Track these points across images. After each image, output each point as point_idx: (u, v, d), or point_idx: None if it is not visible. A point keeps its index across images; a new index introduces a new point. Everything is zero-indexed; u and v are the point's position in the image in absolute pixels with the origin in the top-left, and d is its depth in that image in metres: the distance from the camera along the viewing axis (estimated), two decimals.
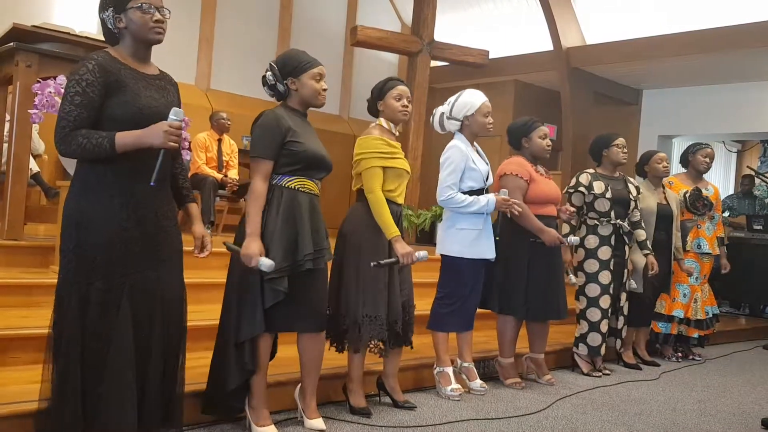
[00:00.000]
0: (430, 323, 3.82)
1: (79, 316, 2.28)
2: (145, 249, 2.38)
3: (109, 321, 2.29)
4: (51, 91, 3.79)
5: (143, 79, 2.41)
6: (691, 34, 7.73)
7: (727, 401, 4.18)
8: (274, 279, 2.73)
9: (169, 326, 2.45)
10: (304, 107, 2.96)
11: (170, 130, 2.27)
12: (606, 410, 3.75)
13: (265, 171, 2.80)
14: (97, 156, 2.27)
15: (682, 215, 5.31)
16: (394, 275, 3.29)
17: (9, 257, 3.99)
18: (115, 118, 2.31)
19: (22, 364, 3.02)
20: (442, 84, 10.17)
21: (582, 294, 4.57)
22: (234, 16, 8.76)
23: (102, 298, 2.29)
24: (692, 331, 5.34)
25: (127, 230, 2.33)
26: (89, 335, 2.28)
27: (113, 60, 2.36)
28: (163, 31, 2.40)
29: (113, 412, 2.29)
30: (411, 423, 3.23)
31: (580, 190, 4.59)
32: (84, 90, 2.27)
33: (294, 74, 2.90)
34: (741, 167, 12.17)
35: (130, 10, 2.35)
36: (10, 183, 4.14)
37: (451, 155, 3.76)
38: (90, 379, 2.29)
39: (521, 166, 4.11)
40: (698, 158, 5.40)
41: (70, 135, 2.27)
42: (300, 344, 2.98)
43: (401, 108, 3.36)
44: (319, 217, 2.90)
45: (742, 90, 8.80)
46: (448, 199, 3.71)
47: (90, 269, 2.29)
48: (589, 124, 8.73)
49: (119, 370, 2.29)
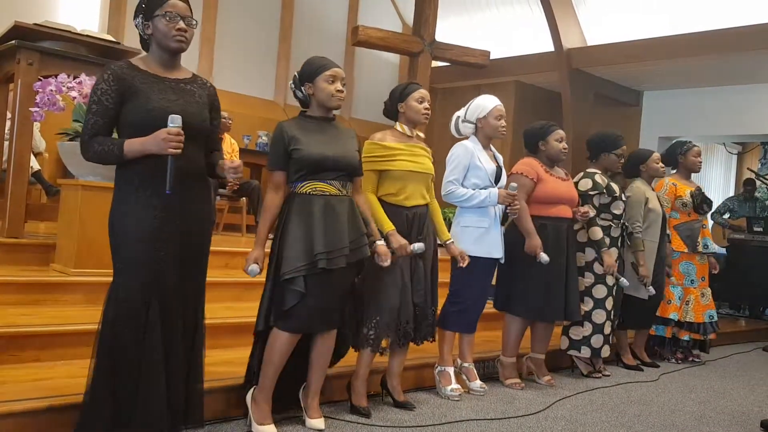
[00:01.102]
0: (439, 321, 3.84)
1: (116, 317, 2.37)
2: (172, 250, 2.45)
3: (142, 321, 2.38)
4: (52, 90, 3.78)
5: (160, 82, 2.46)
6: (692, 36, 7.73)
7: (727, 403, 4.18)
8: (291, 279, 2.76)
9: (192, 326, 2.54)
10: (323, 111, 3.01)
11: (168, 137, 2.32)
12: (605, 411, 3.75)
13: (275, 181, 2.90)
14: (110, 161, 2.41)
15: (687, 216, 5.28)
16: (406, 276, 3.29)
17: (9, 255, 3.99)
18: (130, 123, 2.41)
19: (21, 362, 3.02)
20: (443, 84, 10.18)
21: (588, 295, 4.47)
22: (236, 15, 8.76)
23: (134, 298, 2.38)
24: (683, 333, 5.28)
25: (153, 232, 2.41)
26: (126, 336, 2.37)
27: (131, 68, 2.45)
28: (185, 39, 2.48)
29: (149, 412, 2.37)
30: (410, 423, 3.23)
31: (603, 192, 4.50)
32: (99, 99, 2.40)
33: (309, 79, 2.96)
34: (741, 169, 12.18)
35: (157, 18, 2.44)
36: (10, 181, 4.13)
37: (456, 152, 3.81)
38: (126, 378, 2.38)
39: (529, 165, 4.12)
40: (690, 159, 5.30)
41: (88, 143, 2.41)
42: (312, 343, 2.99)
43: (423, 110, 3.43)
44: (338, 217, 2.87)
45: (743, 92, 8.80)
46: (449, 193, 3.75)
47: (125, 271, 2.40)
48: (589, 126, 8.72)
49: (153, 369, 2.38)
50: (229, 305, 3.97)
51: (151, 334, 2.39)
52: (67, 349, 3.12)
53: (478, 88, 9.76)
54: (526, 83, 9.88)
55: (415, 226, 3.34)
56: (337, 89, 2.95)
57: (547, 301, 4.07)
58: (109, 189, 2.58)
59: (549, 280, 4.04)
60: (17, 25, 4.09)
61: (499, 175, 3.85)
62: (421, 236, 3.35)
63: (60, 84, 3.79)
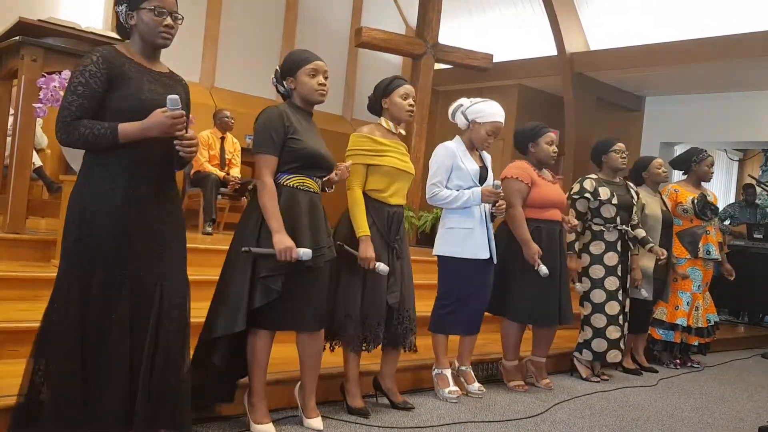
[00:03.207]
0: (430, 325, 3.83)
1: (79, 308, 2.27)
2: (147, 244, 2.37)
3: (109, 314, 2.29)
4: (56, 86, 3.79)
5: (148, 73, 2.41)
6: (695, 42, 7.74)
7: (725, 409, 4.18)
8: (268, 277, 2.72)
9: (170, 324, 2.41)
10: (306, 105, 2.96)
11: (174, 121, 2.27)
12: (604, 415, 3.75)
13: (271, 166, 2.79)
14: (99, 146, 2.29)
15: (690, 222, 5.29)
16: (377, 276, 3.23)
17: (10, 251, 3.99)
18: (120, 109, 2.31)
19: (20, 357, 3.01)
20: (446, 87, 10.19)
21: (587, 300, 4.53)
22: (239, 14, 8.78)
23: (102, 290, 2.29)
24: (693, 339, 5.32)
25: (128, 224, 2.32)
26: (89, 327, 2.28)
27: (119, 54, 2.37)
28: (170, 36, 2.40)
29: (106, 407, 2.28)
30: (408, 424, 3.23)
31: (585, 197, 4.55)
32: (87, 81, 2.28)
33: (291, 73, 2.92)
34: (742, 176, 12.18)
35: (143, 11, 2.36)
36: (13, 177, 4.13)
37: (438, 154, 3.79)
38: (86, 372, 2.28)
39: (522, 169, 4.11)
40: (704, 168, 5.34)
41: (71, 125, 2.27)
42: (298, 342, 2.97)
43: (408, 107, 3.36)
44: (320, 215, 2.89)
45: (745, 99, 8.81)
46: (432, 196, 3.75)
47: (91, 262, 2.29)
48: (591, 130, 8.74)
49: (114, 364, 2.29)
50: None
51: (113, 332, 2.28)
52: None
53: (481, 91, 9.76)
54: (529, 87, 9.89)
55: (394, 226, 3.31)
56: (319, 83, 2.89)
57: (543, 305, 4.05)
58: None
59: (544, 284, 4.02)
60: (21, 21, 4.09)
61: (484, 175, 3.81)
62: (398, 236, 3.33)
63: (63, 80, 3.79)
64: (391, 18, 10.30)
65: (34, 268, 3.82)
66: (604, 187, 4.57)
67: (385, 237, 3.27)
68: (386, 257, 3.26)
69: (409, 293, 3.42)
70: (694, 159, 5.38)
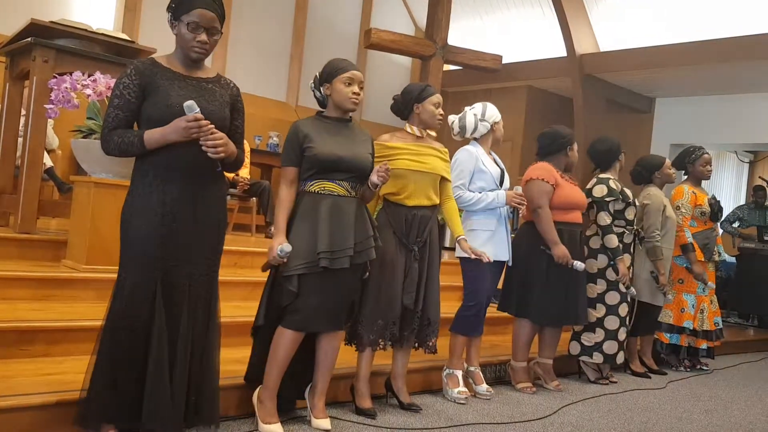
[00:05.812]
0: (453, 326, 3.84)
1: (125, 310, 2.40)
2: (180, 245, 2.47)
3: (146, 318, 2.41)
4: (67, 87, 3.81)
5: (181, 80, 2.49)
6: (705, 44, 7.71)
7: (734, 412, 4.16)
8: (286, 278, 2.82)
9: (199, 322, 2.53)
10: (339, 112, 3.04)
11: (188, 125, 2.35)
12: (612, 418, 3.74)
13: (288, 177, 2.96)
14: (130, 153, 2.44)
15: (704, 224, 5.24)
16: (396, 275, 3.27)
17: (21, 250, 4.02)
18: (149, 117, 2.44)
19: (31, 357, 3.04)
20: (455, 88, 10.19)
21: (601, 302, 4.46)
22: (249, 16, 8.80)
23: (139, 291, 2.41)
24: (701, 342, 5.27)
25: (163, 226, 2.43)
26: (130, 331, 2.40)
27: (153, 65, 2.48)
28: (204, 51, 2.49)
29: (155, 408, 2.38)
30: (416, 425, 3.23)
31: (618, 198, 4.46)
32: (122, 93, 2.43)
33: (328, 80, 3.01)
34: (753, 177, 12.10)
35: (182, 24, 2.45)
36: (24, 177, 4.16)
37: (459, 157, 3.84)
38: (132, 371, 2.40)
39: (546, 170, 4.13)
40: (699, 167, 5.23)
41: (108, 135, 2.44)
42: (317, 343, 3.01)
43: (439, 116, 3.47)
44: (345, 218, 2.90)
45: (756, 100, 8.76)
46: (456, 198, 3.74)
47: (133, 264, 2.43)
48: (601, 132, 8.67)
49: (159, 363, 2.40)
50: (238, 304, 3.98)
51: (156, 330, 2.40)
52: (76, 344, 3.13)
53: (490, 92, 9.77)
54: (538, 88, 9.88)
55: (415, 228, 3.32)
56: (354, 92, 2.98)
57: (565, 307, 4.09)
58: (121, 186, 2.61)
59: (567, 286, 4.05)
60: (33, 22, 4.12)
61: (502, 177, 3.89)
62: (420, 239, 3.33)
63: (75, 81, 3.82)
64: (400, 19, 10.31)
65: (44, 268, 3.85)
66: (626, 189, 4.55)
67: (402, 239, 3.29)
68: (402, 259, 3.28)
69: (431, 298, 3.41)
70: (688, 159, 5.29)
